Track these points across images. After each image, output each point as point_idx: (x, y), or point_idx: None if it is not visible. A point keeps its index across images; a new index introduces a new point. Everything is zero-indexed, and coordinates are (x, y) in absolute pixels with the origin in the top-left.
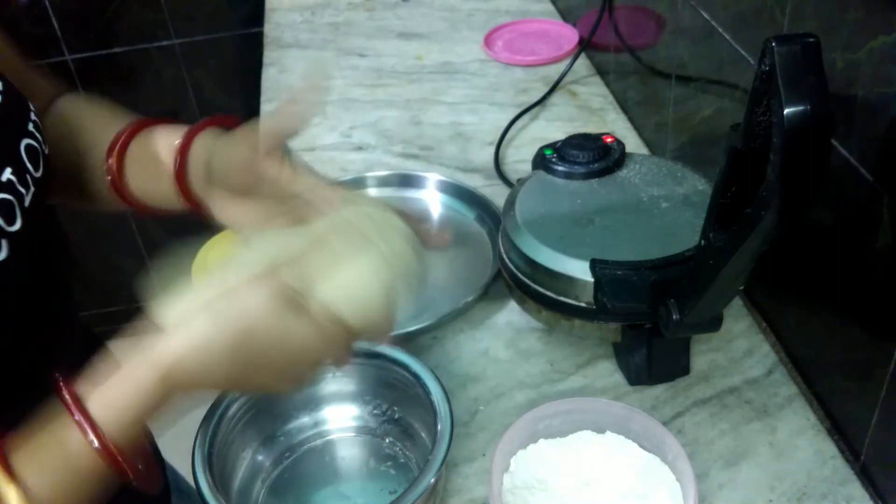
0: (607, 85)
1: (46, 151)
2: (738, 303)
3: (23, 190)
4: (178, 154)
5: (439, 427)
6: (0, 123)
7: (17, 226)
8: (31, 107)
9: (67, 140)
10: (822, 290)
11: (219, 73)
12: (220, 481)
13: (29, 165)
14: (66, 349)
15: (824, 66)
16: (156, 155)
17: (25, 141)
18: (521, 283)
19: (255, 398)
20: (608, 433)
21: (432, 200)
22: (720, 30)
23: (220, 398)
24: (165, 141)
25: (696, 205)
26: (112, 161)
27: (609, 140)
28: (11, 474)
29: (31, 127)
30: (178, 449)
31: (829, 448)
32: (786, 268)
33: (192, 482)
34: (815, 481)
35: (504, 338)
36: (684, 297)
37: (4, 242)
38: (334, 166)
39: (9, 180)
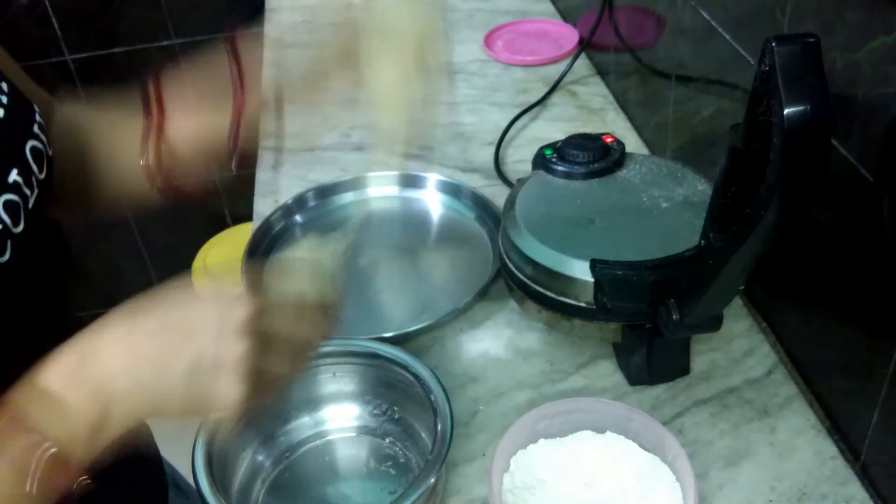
0: (607, 85)
1: (50, 153)
2: (738, 303)
3: (28, 192)
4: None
5: (439, 427)
6: (7, 125)
7: (21, 227)
8: (36, 109)
9: (76, 143)
10: (822, 290)
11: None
12: (220, 481)
13: (34, 167)
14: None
15: (824, 66)
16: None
17: (31, 143)
18: (521, 283)
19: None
20: (608, 433)
21: (432, 200)
22: (720, 30)
23: None
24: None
25: (696, 205)
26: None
27: (609, 140)
28: None
29: (35, 129)
30: (178, 449)
31: (829, 448)
32: (786, 268)
33: (191, 481)
34: (815, 481)
35: (504, 338)
36: (684, 297)
37: (9, 244)
38: (334, 166)
39: (15, 182)
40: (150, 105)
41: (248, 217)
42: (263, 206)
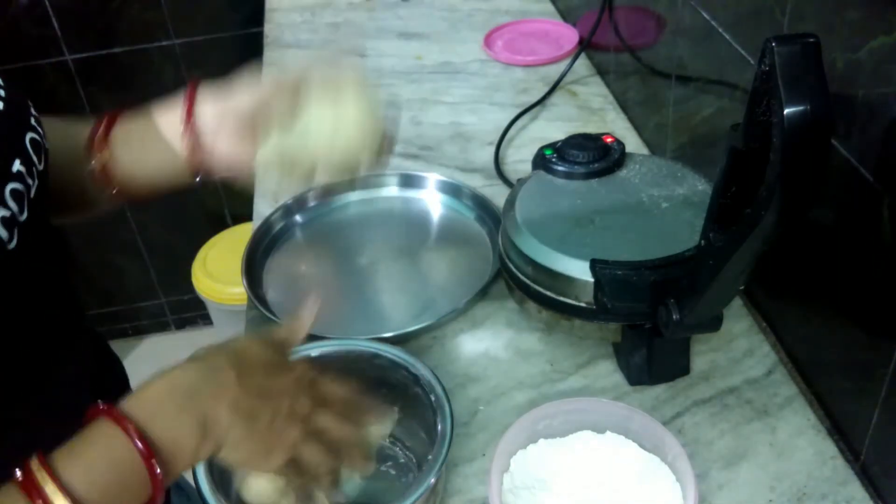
0: (607, 85)
1: (47, 146)
2: (738, 303)
3: (30, 181)
4: (187, 109)
5: (439, 427)
6: (7, 117)
7: (25, 216)
8: (30, 103)
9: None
10: (822, 290)
11: (219, 73)
12: (221, 481)
13: (34, 157)
14: (71, 342)
15: (824, 66)
16: (148, 127)
17: (30, 134)
18: (521, 283)
19: None
20: (608, 433)
21: (432, 200)
22: (720, 30)
23: None
24: (161, 112)
25: (696, 205)
26: (96, 150)
27: (609, 140)
28: (61, 486)
29: (32, 121)
30: None
31: (829, 448)
32: (786, 268)
33: (192, 481)
34: (815, 481)
35: (504, 338)
36: (684, 297)
37: (16, 231)
38: None
39: (19, 171)
40: (100, 127)
41: (248, 217)
42: (263, 206)
